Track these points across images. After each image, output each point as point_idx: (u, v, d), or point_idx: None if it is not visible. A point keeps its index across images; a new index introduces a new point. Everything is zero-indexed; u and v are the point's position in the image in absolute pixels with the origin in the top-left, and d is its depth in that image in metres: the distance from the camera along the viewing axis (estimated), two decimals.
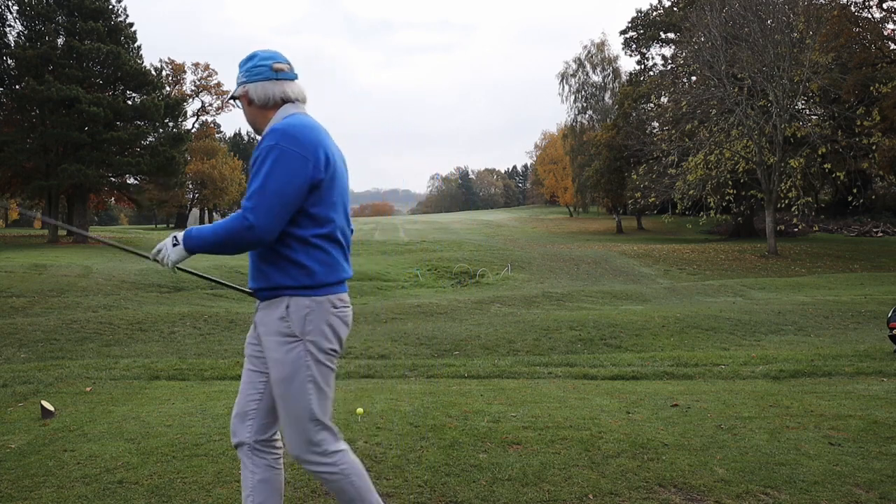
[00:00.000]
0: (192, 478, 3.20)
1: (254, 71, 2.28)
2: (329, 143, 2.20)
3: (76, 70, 34.32)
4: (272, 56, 2.30)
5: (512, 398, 5.09)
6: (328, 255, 2.18)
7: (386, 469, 3.32)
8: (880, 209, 44.39)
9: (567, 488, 3.05)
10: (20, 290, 15.62)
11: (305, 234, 2.13)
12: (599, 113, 50.54)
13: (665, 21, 45.60)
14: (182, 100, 44.54)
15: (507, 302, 15.04)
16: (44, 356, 8.76)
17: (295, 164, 2.06)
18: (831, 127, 30.62)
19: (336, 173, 2.21)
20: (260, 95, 2.26)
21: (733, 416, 4.43)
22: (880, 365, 6.61)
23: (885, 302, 13.56)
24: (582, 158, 48.98)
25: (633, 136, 37.84)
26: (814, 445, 3.68)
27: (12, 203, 50.47)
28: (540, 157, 74.88)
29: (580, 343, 9.72)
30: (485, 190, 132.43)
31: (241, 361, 7.84)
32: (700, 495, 2.98)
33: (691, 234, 43.40)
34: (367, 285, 20.14)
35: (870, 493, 2.98)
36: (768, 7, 30.14)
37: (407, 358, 8.52)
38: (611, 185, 45.12)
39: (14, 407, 5.04)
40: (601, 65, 51.01)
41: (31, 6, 35.04)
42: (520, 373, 6.64)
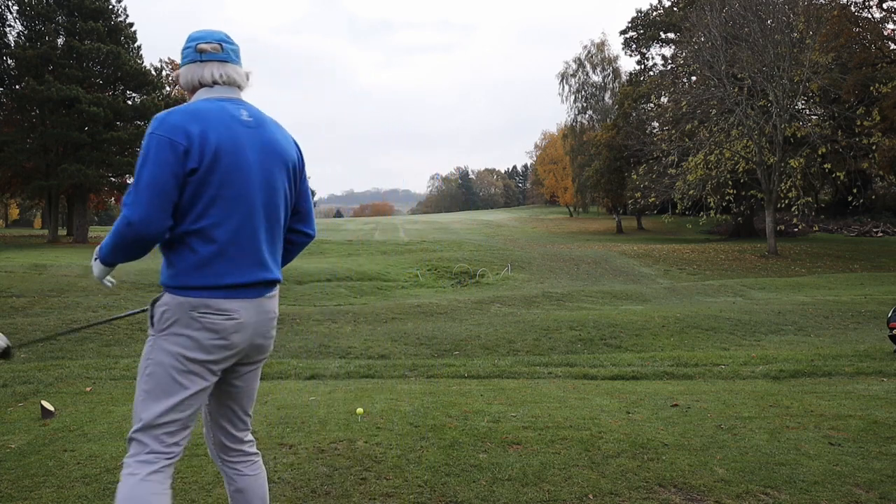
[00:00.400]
0: (192, 478, 3.20)
1: (183, 54, 2.12)
2: (220, 131, 1.97)
3: (76, 70, 34.32)
4: (200, 36, 2.11)
5: (512, 398, 5.09)
6: (195, 254, 1.95)
7: (386, 469, 3.32)
8: (880, 209, 44.39)
9: (567, 488, 3.05)
10: (20, 290, 15.62)
11: (178, 229, 1.96)
12: (599, 113, 50.56)
13: (665, 21, 45.60)
14: (182, 100, 44.44)
15: (507, 302, 15.04)
16: (44, 356, 8.75)
17: (165, 153, 1.88)
18: (831, 127, 30.63)
19: (225, 165, 1.96)
20: (184, 80, 2.11)
21: (733, 416, 4.43)
22: (880, 365, 6.61)
23: (885, 302, 13.56)
24: (582, 158, 48.99)
25: (633, 136, 37.85)
26: (814, 445, 3.68)
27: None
28: (540, 157, 74.87)
29: (580, 343, 9.72)
30: (485, 190, 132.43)
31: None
32: (700, 495, 2.98)
33: (691, 234, 43.39)
34: (367, 285, 20.13)
35: (870, 493, 2.97)
36: (768, 7, 30.14)
37: (407, 358, 8.52)
38: (611, 185, 45.13)
39: (14, 407, 5.04)
40: (601, 65, 51.04)
41: (31, 6, 35.04)
42: (520, 373, 6.64)
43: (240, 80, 2.13)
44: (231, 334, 2.00)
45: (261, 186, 2.04)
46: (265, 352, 2.19)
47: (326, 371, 6.73)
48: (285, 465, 3.38)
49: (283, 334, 10.55)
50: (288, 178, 2.14)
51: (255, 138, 2.05)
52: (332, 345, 9.49)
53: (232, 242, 1.99)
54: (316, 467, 3.34)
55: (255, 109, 2.13)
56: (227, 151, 1.97)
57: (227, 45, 2.12)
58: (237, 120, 2.02)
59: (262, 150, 2.06)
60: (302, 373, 6.63)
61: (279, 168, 2.10)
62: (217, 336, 1.98)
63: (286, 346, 9.47)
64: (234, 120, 2.02)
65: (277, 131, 2.15)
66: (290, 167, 2.15)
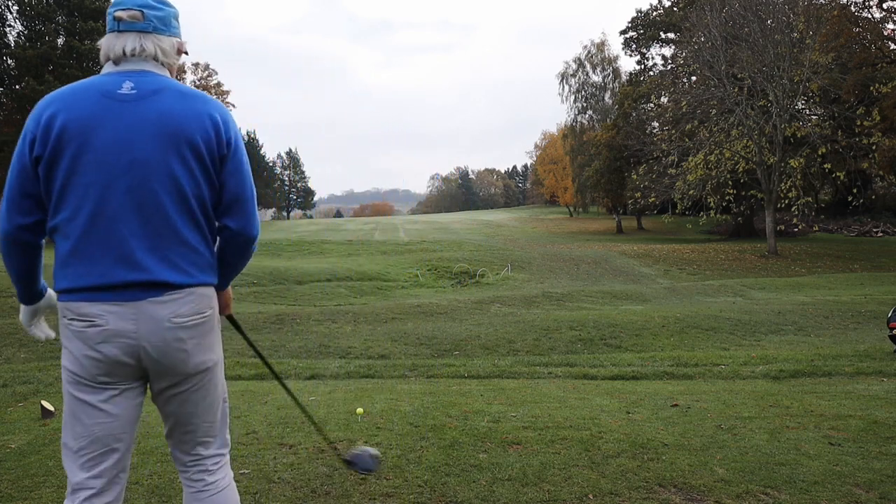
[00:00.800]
0: None
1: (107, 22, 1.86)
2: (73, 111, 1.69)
3: (76, 70, 34.31)
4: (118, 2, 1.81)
5: (512, 398, 5.09)
6: (58, 253, 1.75)
7: (386, 469, 3.32)
8: (880, 209, 44.39)
9: (567, 488, 3.05)
10: None
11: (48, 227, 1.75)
12: (599, 113, 50.55)
13: (665, 21, 45.60)
14: None
15: (507, 302, 15.03)
16: (44, 356, 8.75)
17: (21, 145, 1.70)
18: (831, 127, 30.63)
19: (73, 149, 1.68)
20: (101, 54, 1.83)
21: (733, 416, 4.43)
22: (880, 365, 6.61)
23: (885, 302, 13.56)
24: (582, 158, 48.98)
25: (633, 136, 37.85)
26: (814, 445, 3.68)
27: None
28: (540, 157, 74.84)
29: (580, 343, 9.72)
30: (485, 190, 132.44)
31: (241, 361, 7.77)
32: (700, 495, 2.98)
33: (691, 234, 43.40)
34: (367, 285, 20.14)
35: (870, 493, 2.97)
36: (768, 7, 30.14)
37: (407, 358, 8.52)
38: (611, 185, 45.13)
39: (14, 407, 5.04)
40: (601, 65, 51.03)
41: (31, 6, 35.07)
42: (520, 373, 6.64)
43: (156, 52, 1.81)
44: (98, 344, 1.70)
45: (125, 169, 1.68)
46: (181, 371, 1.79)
47: (326, 371, 6.73)
48: (285, 465, 3.38)
49: (283, 334, 10.55)
50: (183, 157, 1.73)
51: (129, 113, 1.70)
52: (332, 345, 9.49)
53: (85, 238, 1.69)
54: (316, 467, 3.34)
55: (155, 79, 1.77)
56: (76, 133, 1.68)
57: (149, 12, 1.79)
58: (109, 95, 1.71)
59: (136, 126, 1.70)
60: (302, 373, 6.64)
61: (164, 145, 1.71)
62: (85, 346, 1.71)
63: (286, 346, 9.47)
64: (102, 96, 1.71)
65: (176, 103, 1.75)
66: (190, 144, 1.74)
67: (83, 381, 1.75)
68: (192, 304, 1.77)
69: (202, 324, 1.81)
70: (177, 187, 1.74)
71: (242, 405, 4.86)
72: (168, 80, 1.81)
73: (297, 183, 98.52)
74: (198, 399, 1.86)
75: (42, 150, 1.68)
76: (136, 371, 1.77)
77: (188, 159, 1.75)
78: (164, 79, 1.80)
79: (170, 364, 1.77)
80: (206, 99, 1.83)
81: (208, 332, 1.84)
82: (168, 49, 1.84)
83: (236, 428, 4.08)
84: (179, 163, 1.74)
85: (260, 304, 15.79)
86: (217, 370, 1.91)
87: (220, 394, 1.94)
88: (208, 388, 1.88)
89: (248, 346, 2.26)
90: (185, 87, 1.83)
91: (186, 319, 1.77)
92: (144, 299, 1.71)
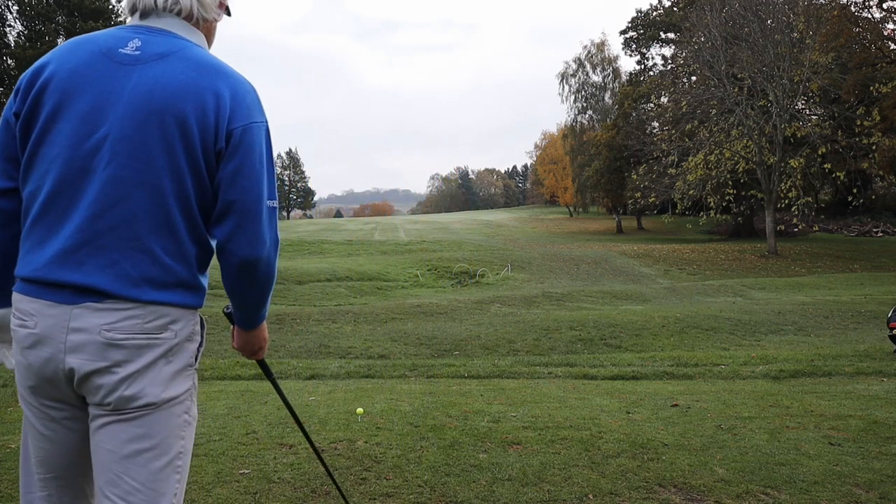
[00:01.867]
0: (192, 478, 3.20)
1: None
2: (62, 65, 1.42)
3: None
4: None
5: (512, 398, 5.09)
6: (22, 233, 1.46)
7: (386, 469, 3.32)
8: (880, 209, 44.38)
9: (567, 488, 3.05)
10: None
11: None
12: (599, 113, 50.55)
13: (665, 21, 45.61)
14: None
15: (507, 302, 15.04)
16: None
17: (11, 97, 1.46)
18: (831, 127, 30.64)
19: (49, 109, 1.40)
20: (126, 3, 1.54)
21: (733, 416, 4.43)
22: (880, 365, 6.61)
23: (885, 302, 13.56)
24: (582, 158, 48.99)
25: (633, 136, 37.85)
26: (814, 445, 3.68)
27: None
28: (540, 157, 74.86)
29: (580, 343, 9.72)
30: (485, 190, 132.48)
31: (241, 361, 7.79)
32: (700, 495, 2.98)
33: (691, 234, 43.39)
34: (367, 285, 20.14)
35: (870, 493, 2.97)
36: (768, 7, 30.15)
37: (407, 358, 8.52)
38: (611, 185, 45.13)
39: (14, 407, 5.03)
40: (601, 65, 51.03)
41: (31, 6, 35.10)
42: (520, 373, 6.64)
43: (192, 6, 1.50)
44: (25, 350, 1.40)
45: (95, 146, 1.38)
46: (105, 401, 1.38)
47: (326, 371, 6.73)
48: (285, 465, 3.38)
49: (283, 334, 10.55)
50: (169, 142, 1.38)
51: (121, 78, 1.40)
52: (332, 345, 9.50)
53: (38, 220, 1.40)
54: (316, 467, 3.34)
55: (169, 40, 1.45)
56: (57, 90, 1.40)
57: None
58: (108, 53, 1.42)
59: (121, 96, 1.39)
60: (302, 373, 6.64)
61: (148, 124, 1.38)
62: (18, 350, 1.43)
63: (286, 346, 9.48)
64: (100, 53, 1.42)
65: (180, 72, 1.41)
66: (181, 127, 1.38)
67: (22, 393, 1.46)
68: (137, 321, 1.38)
69: (147, 348, 1.39)
70: (152, 179, 1.38)
71: (242, 405, 4.86)
72: (186, 44, 1.46)
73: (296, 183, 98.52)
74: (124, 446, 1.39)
75: (21, 106, 1.43)
76: (67, 391, 1.41)
77: (180, 145, 1.39)
78: (183, 42, 1.47)
79: (94, 387, 1.38)
80: (222, 71, 1.45)
81: (159, 363, 1.41)
82: (209, 3, 1.53)
83: (236, 428, 4.08)
84: (163, 148, 1.38)
85: None
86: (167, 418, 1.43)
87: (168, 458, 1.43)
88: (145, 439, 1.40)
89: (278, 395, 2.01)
90: (203, 55, 1.47)
91: (124, 337, 1.37)
92: (80, 304, 1.36)
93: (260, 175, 1.46)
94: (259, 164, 1.46)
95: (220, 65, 1.46)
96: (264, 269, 1.49)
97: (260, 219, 1.45)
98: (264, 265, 1.48)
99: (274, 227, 1.49)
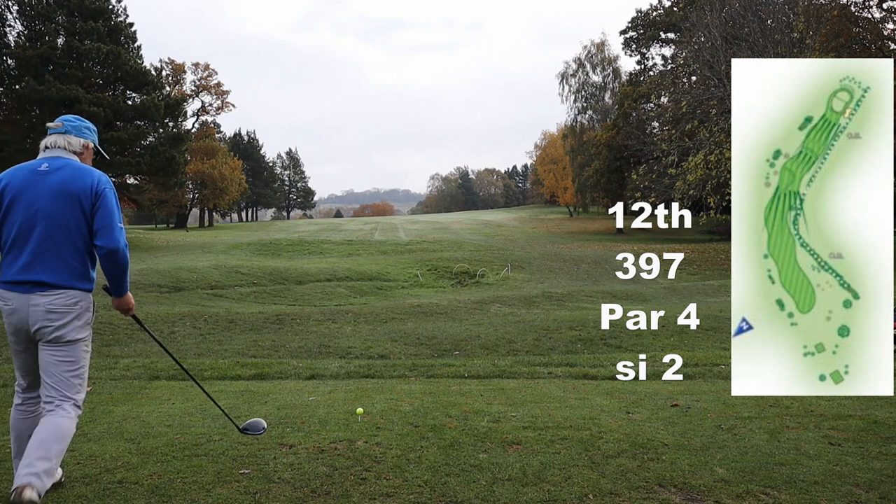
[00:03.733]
0: (192, 478, 3.20)
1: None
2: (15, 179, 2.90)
3: (76, 70, 34.34)
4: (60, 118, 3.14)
5: (512, 398, 5.10)
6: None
7: (386, 469, 3.32)
8: None
9: (567, 488, 3.05)
10: None
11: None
12: (599, 113, 50.55)
13: (665, 21, 45.63)
14: (182, 100, 44.47)
15: (507, 302, 15.04)
16: None
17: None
18: None
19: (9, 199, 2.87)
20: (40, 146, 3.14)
21: (733, 416, 4.43)
22: None
23: None
24: (582, 158, 48.98)
25: (633, 136, 37.86)
26: (814, 445, 3.68)
27: None
28: (540, 157, 74.84)
29: (580, 343, 9.72)
30: (485, 190, 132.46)
31: (241, 361, 7.77)
32: (700, 495, 2.98)
33: (691, 234, 43.40)
34: (366, 285, 20.14)
35: (870, 493, 2.98)
36: (768, 7, 30.15)
37: (407, 358, 8.52)
38: (611, 185, 45.12)
39: None
40: (601, 65, 51.01)
41: (31, 6, 35.06)
42: (520, 373, 6.64)
43: (63, 144, 3.01)
44: (7, 316, 2.89)
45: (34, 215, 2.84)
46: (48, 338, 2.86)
47: (326, 371, 6.73)
48: (285, 465, 3.38)
49: (283, 334, 10.55)
50: (67, 205, 2.85)
51: (43, 181, 2.88)
52: (332, 345, 9.49)
53: (9, 252, 2.89)
54: (316, 467, 3.34)
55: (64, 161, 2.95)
56: (10, 192, 2.88)
57: (66, 123, 3.06)
58: (33, 171, 2.91)
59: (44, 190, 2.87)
60: (302, 373, 6.64)
61: (59, 200, 2.85)
62: (4, 317, 2.90)
63: (286, 346, 9.47)
64: (29, 172, 2.91)
65: (69, 173, 2.90)
66: (76, 197, 2.86)
67: (9, 338, 2.97)
68: (63, 299, 2.85)
69: (68, 313, 2.86)
70: (63, 225, 2.85)
71: (242, 405, 4.86)
72: (70, 161, 2.96)
73: (296, 183, 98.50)
74: (57, 362, 2.89)
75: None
76: (27, 336, 2.90)
77: (74, 206, 2.86)
78: (68, 160, 2.97)
79: (42, 333, 2.86)
80: (88, 171, 2.95)
81: (74, 321, 2.88)
82: (74, 144, 3.04)
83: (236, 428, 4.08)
84: (68, 209, 2.85)
85: (260, 304, 15.80)
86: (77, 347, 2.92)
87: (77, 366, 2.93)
88: (67, 354, 2.90)
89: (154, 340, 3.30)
90: (78, 165, 2.97)
91: (57, 307, 2.84)
92: (34, 292, 2.84)
93: (112, 208, 2.92)
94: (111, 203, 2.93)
95: (87, 168, 2.99)
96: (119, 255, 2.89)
97: (116, 229, 2.90)
98: (118, 252, 2.89)
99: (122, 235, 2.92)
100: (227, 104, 61.37)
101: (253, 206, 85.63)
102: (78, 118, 3.11)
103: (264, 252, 30.17)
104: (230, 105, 61.78)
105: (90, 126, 3.15)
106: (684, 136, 33.26)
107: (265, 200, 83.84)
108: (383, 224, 52.36)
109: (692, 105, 32.25)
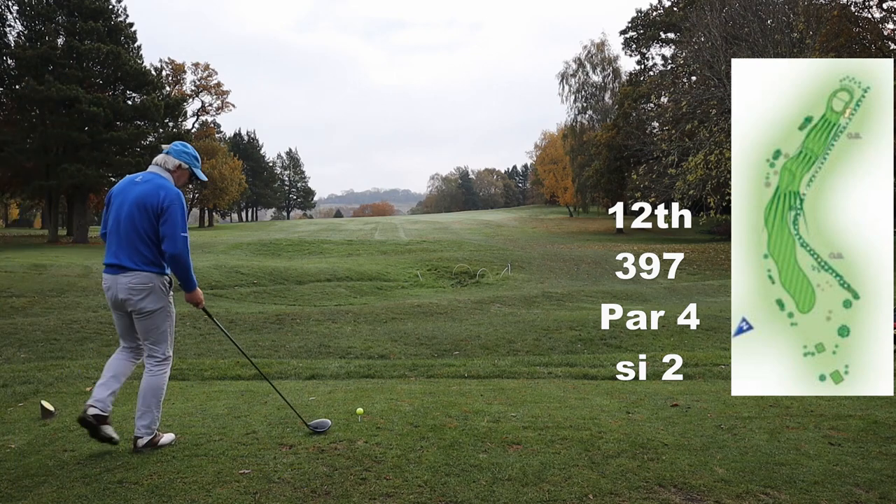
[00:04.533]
0: (192, 478, 3.20)
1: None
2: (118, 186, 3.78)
3: (76, 70, 34.33)
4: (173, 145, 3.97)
5: (512, 398, 5.09)
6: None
7: (386, 469, 3.32)
8: None
9: (567, 488, 3.05)
10: (20, 290, 15.62)
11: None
12: (599, 113, 50.55)
13: (665, 21, 45.63)
14: (182, 100, 44.51)
15: (507, 302, 15.04)
16: (44, 356, 8.75)
17: None
18: None
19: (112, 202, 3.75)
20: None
21: (733, 416, 4.43)
22: None
23: None
24: (582, 158, 48.98)
25: (633, 136, 37.86)
26: (814, 445, 3.68)
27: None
28: (540, 157, 74.84)
29: (580, 343, 9.72)
30: (485, 190, 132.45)
31: (242, 361, 7.78)
32: (700, 495, 2.98)
33: (691, 234, 43.40)
34: (366, 285, 20.14)
35: (870, 493, 2.97)
36: (768, 7, 30.15)
37: (407, 358, 8.52)
38: (611, 185, 45.13)
39: (14, 407, 5.04)
40: (601, 65, 51.02)
41: (31, 6, 35.06)
42: (520, 373, 6.64)
43: (161, 162, 3.79)
44: (106, 290, 3.73)
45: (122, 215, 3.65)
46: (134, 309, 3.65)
47: (326, 371, 6.73)
48: (285, 465, 3.38)
49: (283, 334, 10.55)
50: (140, 212, 3.60)
51: (132, 190, 3.68)
52: (332, 345, 9.49)
53: (107, 242, 3.74)
54: (316, 467, 3.34)
55: (151, 176, 3.71)
56: (113, 196, 3.77)
57: (173, 148, 3.84)
58: (131, 181, 3.74)
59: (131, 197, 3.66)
60: (302, 373, 6.63)
61: (138, 207, 3.61)
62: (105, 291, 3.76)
63: (286, 346, 9.48)
64: (129, 181, 3.76)
65: (149, 187, 3.64)
66: (147, 207, 3.60)
67: (110, 307, 3.81)
68: (139, 279, 3.63)
69: (144, 290, 3.64)
70: (135, 228, 3.63)
71: (242, 405, 4.86)
72: (157, 177, 3.72)
73: (296, 183, 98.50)
74: (143, 326, 3.72)
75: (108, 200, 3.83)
76: (121, 306, 3.71)
77: (146, 214, 3.62)
78: (156, 176, 3.73)
79: (127, 304, 3.67)
80: (163, 187, 3.66)
81: (150, 296, 3.65)
82: (169, 164, 3.79)
83: (236, 428, 4.09)
84: (140, 215, 3.62)
85: (260, 304, 15.80)
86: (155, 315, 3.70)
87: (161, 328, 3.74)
88: (149, 321, 3.70)
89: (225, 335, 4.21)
90: (160, 181, 3.70)
91: (135, 285, 3.63)
92: (120, 273, 3.65)
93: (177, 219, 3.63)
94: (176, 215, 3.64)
95: (165, 183, 3.72)
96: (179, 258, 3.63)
97: (178, 237, 3.62)
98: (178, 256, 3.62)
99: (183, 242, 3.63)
100: (227, 104, 61.39)
101: (253, 206, 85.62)
102: (185, 145, 3.84)
103: (264, 252, 30.18)
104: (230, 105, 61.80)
105: (192, 153, 3.88)
106: (684, 136, 33.25)
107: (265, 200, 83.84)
108: (383, 224, 52.36)
109: (692, 105, 32.24)
